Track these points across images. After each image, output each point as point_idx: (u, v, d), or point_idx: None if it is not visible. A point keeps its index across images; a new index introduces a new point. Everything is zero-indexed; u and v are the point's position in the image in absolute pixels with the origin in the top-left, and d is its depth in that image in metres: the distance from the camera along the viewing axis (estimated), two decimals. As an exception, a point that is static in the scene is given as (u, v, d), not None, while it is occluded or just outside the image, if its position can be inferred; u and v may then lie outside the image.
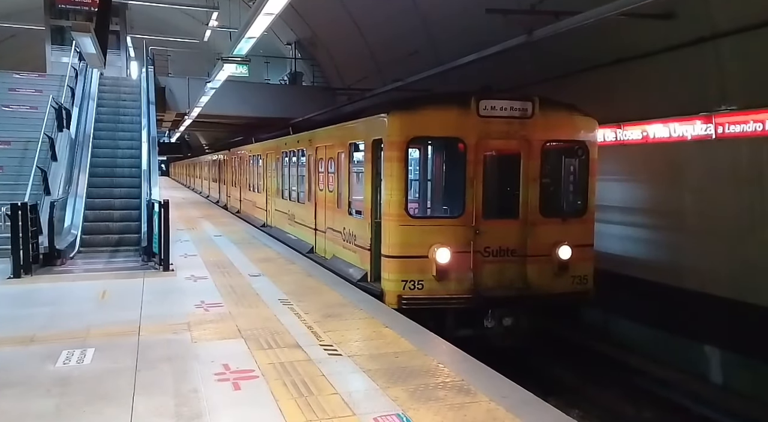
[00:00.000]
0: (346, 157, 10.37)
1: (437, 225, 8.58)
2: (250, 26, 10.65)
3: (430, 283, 8.35)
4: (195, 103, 22.91)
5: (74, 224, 12.24)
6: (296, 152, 14.50)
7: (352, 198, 10.26)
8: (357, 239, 9.71)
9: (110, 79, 20.51)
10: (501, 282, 8.57)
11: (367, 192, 9.31)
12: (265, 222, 18.15)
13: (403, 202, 8.42)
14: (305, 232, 13.28)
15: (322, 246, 11.98)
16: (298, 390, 4.87)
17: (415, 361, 5.63)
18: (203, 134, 50.51)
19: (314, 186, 12.60)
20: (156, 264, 10.62)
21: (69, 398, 4.74)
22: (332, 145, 11.28)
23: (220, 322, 6.99)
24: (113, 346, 6.06)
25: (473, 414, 4.45)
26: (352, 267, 9.84)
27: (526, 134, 8.66)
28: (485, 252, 8.53)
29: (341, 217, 10.66)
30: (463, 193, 8.50)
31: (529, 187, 8.70)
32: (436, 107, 8.72)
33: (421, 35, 16.84)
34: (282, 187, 16.02)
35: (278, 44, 29.06)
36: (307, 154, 13.38)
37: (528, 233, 8.64)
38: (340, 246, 10.65)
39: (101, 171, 14.51)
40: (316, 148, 12.44)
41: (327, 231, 11.56)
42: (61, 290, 8.96)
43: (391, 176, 8.46)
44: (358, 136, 9.94)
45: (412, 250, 8.34)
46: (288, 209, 15.21)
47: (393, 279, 8.41)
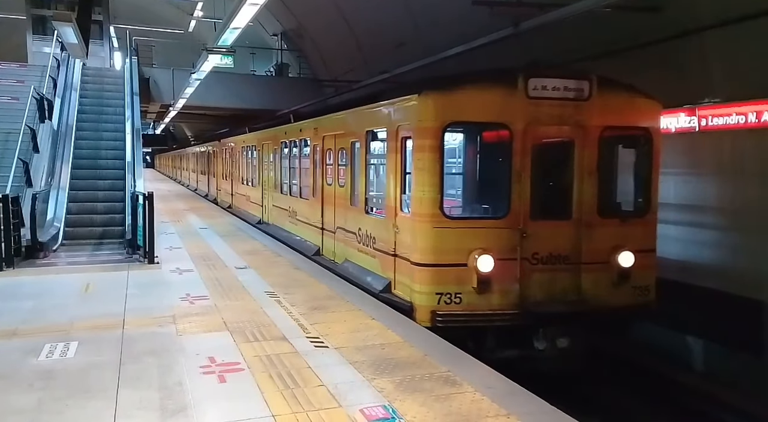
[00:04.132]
0: (362, 146, 9.11)
1: (478, 228, 7.25)
2: (235, 16, 10.55)
3: (470, 296, 7.09)
4: (180, 95, 22.71)
5: (57, 216, 12.10)
6: (298, 142, 13.15)
7: (370, 194, 9.10)
8: (377, 242, 8.47)
9: (93, 70, 20.24)
10: (551, 295, 7.32)
11: (391, 187, 8.08)
12: (261, 218, 16.87)
13: (437, 200, 7.12)
14: (310, 232, 11.98)
15: (330, 248, 10.69)
16: (284, 383, 4.87)
17: (402, 353, 5.65)
18: (189, 126, 50.08)
19: (321, 180, 11.24)
20: (141, 256, 10.54)
21: (52, 392, 4.70)
22: (344, 133, 9.97)
23: (206, 315, 6.96)
24: (97, 340, 6.01)
25: (458, 405, 4.48)
26: (371, 274, 8.57)
27: (582, 119, 7.39)
28: (533, 259, 7.26)
29: (356, 216, 9.39)
30: (508, 188, 7.23)
31: (585, 181, 7.43)
32: (476, 87, 7.34)
33: (408, 27, 16.79)
34: (281, 180, 14.70)
35: (264, 35, 28.85)
36: (311, 144, 12.04)
37: (583, 236, 7.38)
38: (353, 250, 9.41)
39: (85, 163, 14.35)
40: (323, 138, 11.08)
41: (337, 232, 10.26)
42: (44, 283, 8.85)
43: (423, 169, 7.20)
44: (378, 123, 8.65)
45: (449, 257, 7.07)
46: (289, 205, 13.87)
47: (426, 292, 7.08)
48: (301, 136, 12.85)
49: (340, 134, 10.17)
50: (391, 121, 8.16)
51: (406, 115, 7.73)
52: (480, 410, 4.40)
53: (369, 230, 8.81)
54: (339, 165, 10.27)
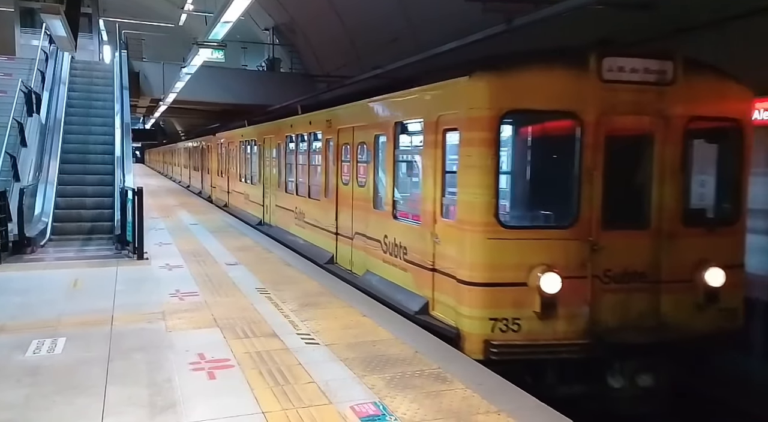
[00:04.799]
0: (389, 140, 8.00)
1: (540, 239, 6.08)
2: (226, 10, 10.48)
3: (530, 323, 5.97)
4: (170, 89, 22.55)
5: (45, 211, 11.99)
6: (307, 136, 11.96)
7: (399, 196, 8.06)
8: (408, 253, 7.39)
9: (82, 64, 20.06)
10: (626, 320, 6.18)
11: (428, 189, 6.92)
12: (262, 219, 15.63)
13: (492, 205, 5.98)
14: (321, 237, 10.81)
15: (347, 256, 9.55)
16: (274, 379, 4.85)
17: (393, 349, 5.64)
18: (179, 120, 49.77)
19: (335, 179, 10.12)
20: (130, 252, 10.47)
21: (39, 388, 4.65)
22: (365, 125, 8.85)
23: (196, 311, 6.92)
24: (85, 336, 5.96)
25: (449, 401, 4.48)
26: (402, 291, 7.44)
27: (664, 107, 6.23)
28: (605, 276, 6.11)
29: (380, 221, 8.25)
30: (576, 191, 6.09)
31: (666, 183, 6.27)
32: (541, 67, 6.18)
33: (401, 23, 16.75)
34: (286, 178, 13.52)
35: (256, 29, 28.69)
36: (324, 138, 10.87)
37: (663, 249, 6.23)
38: (377, 260, 8.29)
39: (73, 157, 14.23)
40: (339, 131, 9.96)
41: (356, 238, 9.13)
42: (31, 279, 8.76)
43: (474, 167, 6.06)
44: (411, 112, 7.63)
45: (506, 275, 5.96)
46: (295, 206, 12.62)
47: (477, 317, 5.98)
48: (311, 129, 11.73)
49: (360, 126, 9.09)
50: (429, 109, 7.02)
51: (450, 102, 6.58)
52: (470, 406, 4.40)
53: (398, 238, 7.70)
54: (358, 162, 9.22)
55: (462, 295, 6.16)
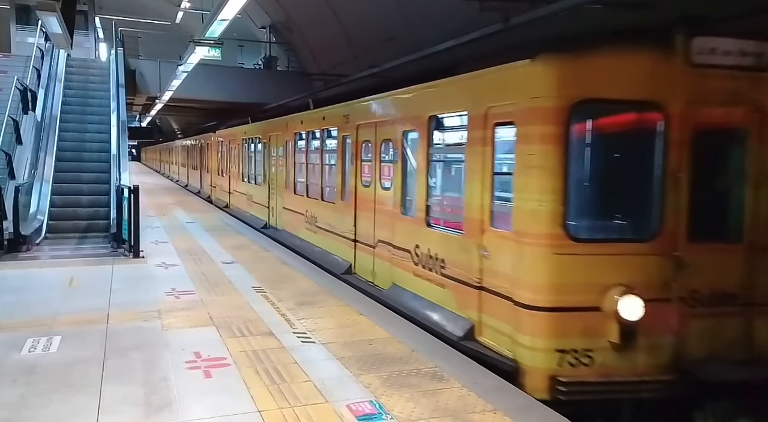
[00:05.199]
0: (422, 137, 7.12)
1: (617, 254, 5.21)
2: (223, 8, 10.44)
3: (605, 355, 5.10)
4: (166, 87, 22.47)
5: (40, 209, 11.96)
6: (320, 133, 11.09)
7: (435, 201, 7.27)
8: (447, 266, 6.50)
9: (78, 61, 20.00)
10: (716, 351, 5.28)
11: (474, 193, 6.00)
12: (267, 222, 14.75)
13: (560, 214, 5.11)
14: (337, 244, 9.90)
15: (367, 266, 8.68)
16: (270, 378, 4.84)
17: (389, 348, 5.64)
18: (175, 119, 49.67)
19: (354, 180, 9.24)
20: (126, 250, 10.45)
21: (35, 387, 4.64)
22: (391, 120, 7.98)
23: (192, 310, 6.90)
24: (81, 334, 5.94)
25: (446, 400, 4.48)
26: (440, 311, 6.54)
27: (761, 97, 5.38)
28: (691, 299, 5.26)
29: (410, 229, 7.38)
30: (659, 197, 5.26)
31: (762, 187, 5.40)
32: (618, 49, 5.26)
33: (397, 21, 16.74)
34: (295, 178, 12.60)
35: (252, 28, 28.62)
36: (340, 135, 9.98)
37: (757, 266, 5.39)
38: (406, 273, 7.42)
39: (69, 155, 14.18)
40: (358, 127, 9.11)
41: (379, 247, 8.28)
42: (26, 277, 8.73)
43: (537, 168, 5.18)
44: (451, 104, 6.73)
45: (577, 297, 5.10)
46: (306, 209, 11.71)
47: (541, 348, 5.09)
48: (325, 126, 10.81)
49: (384, 122, 8.21)
50: (475, 100, 6.08)
51: (505, 92, 5.68)
52: (467, 405, 4.40)
53: (433, 249, 6.80)
54: (382, 162, 8.39)
55: (521, 321, 5.22)
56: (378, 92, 8.73)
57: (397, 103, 8.06)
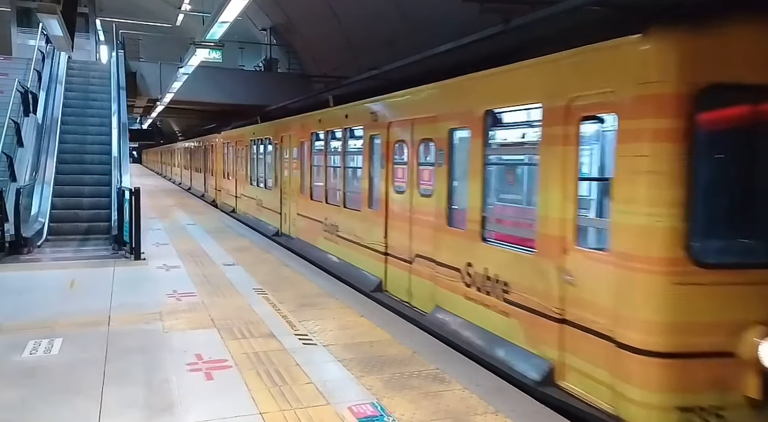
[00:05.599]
0: (476, 136, 6.10)
1: (755, 284, 4.21)
2: (224, 10, 10.46)
3: (740, 414, 4.15)
4: (167, 89, 22.50)
5: (42, 211, 11.96)
6: (342, 133, 10.18)
7: (493, 211, 6.29)
8: (514, 291, 5.50)
9: (79, 63, 20.01)
10: None
11: (554, 203, 4.95)
12: (280, 229, 13.89)
13: (681, 232, 4.10)
14: (363, 257, 9.00)
15: (402, 284, 7.80)
16: (272, 380, 4.84)
17: (391, 350, 5.64)
18: (176, 121, 49.67)
19: (385, 185, 8.33)
20: (127, 253, 10.45)
21: (36, 389, 4.63)
22: (433, 117, 6.97)
23: (193, 312, 6.90)
24: (82, 336, 5.94)
25: (447, 402, 4.48)
26: (506, 346, 5.56)
27: None
28: None
29: (461, 244, 6.41)
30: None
31: None
32: (757, 20, 4.15)
33: (398, 23, 16.75)
34: (311, 183, 11.81)
35: (253, 30, 28.65)
36: (366, 135, 9.07)
37: None
38: (456, 295, 6.46)
39: (70, 157, 14.19)
40: (390, 125, 8.19)
41: (417, 263, 7.38)
42: (28, 279, 8.74)
43: (650, 174, 4.16)
44: (517, 95, 5.66)
45: (703, 339, 4.13)
46: (324, 216, 10.83)
47: (657, 405, 4.12)
48: (348, 125, 9.85)
49: (424, 119, 7.23)
50: (553, 89, 5.03)
51: (599, 77, 4.58)
52: (468, 407, 4.40)
53: (493, 269, 5.83)
54: (420, 164, 7.46)
55: (628, 368, 4.20)
56: (413, 85, 7.76)
57: (440, 96, 7.04)
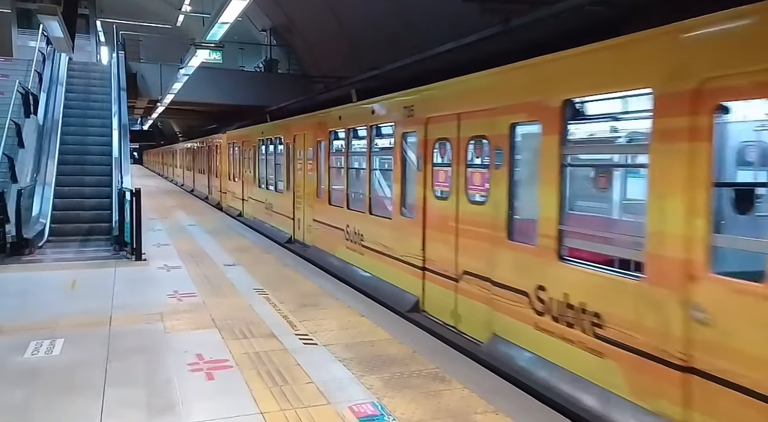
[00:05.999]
0: (548, 132, 5.10)
1: None
2: (224, 11, 10.48)
3: None
4: (168, 90, 22.56)
5: (43, 212, 11.98)
6: (367, 131, 9.08)
7: (573, 222, 5.32)
8: (610, 325, 4.47)
9: (79, 65, 20.02)
10: None
11: (674, 215, 3.99)
12: (293, 236, 13.02)
13: None
14: (396, 271, 7.98)
15: (445, 305, 6.78)
16: (272, 380, 4.85)
17: (391, 349, 5.65)
18: (176, 121, 49.73)
19: (423, 190, 7.31)
20: (128, 253, 10.46)
21: (37, 389, 4.64)
22: (487, 110, 5.97)
23: (194, 312, 6.91)
24: (83, 337, 5.95)
25: (447, 401, 4.49)
26: (604, 396, 4.47)
27: None
28: None
29: (528, 261, 5.40)
30: None
31: None
32: None
33: (398, 23, 16.76)
34: (329, 186, 10.83)
35: (253, 31, 28.68)
36: (398, 132, 8.00)
37: None
38: (524, 324, 5.40)
39: (71, 158, 14.20)
40: (428, 122, 7.16)
41: (465, 280, 6.39)
42: (29, 280, 8.75)
43: None
44: (611, 80, 4.60)
45: None
46: (346, 223, 9.78)
47: None
48: (374, 122, 8.95)
49: (475, 113, 6.24)
50: (672, 70, 3.97)
51: (753, 50, 3.51)
52: (468, 406, 4.41)
53: (576, 296, 4.78)
54: (469, 166, 6.47)
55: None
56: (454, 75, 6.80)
57: (498, 85, 6.01)
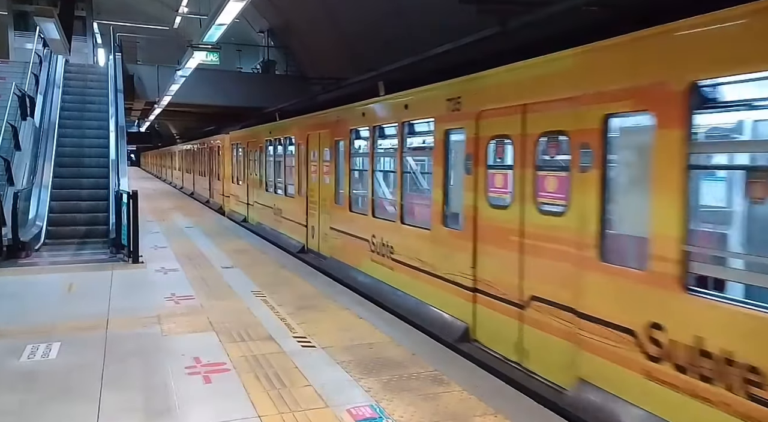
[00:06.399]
0: (665, 125, 4.10)
1: None
2: (221, 12, 10.45)
3: None
4: (165, 92, 22.50)
5: (39, 215, 11.94)
6: (399, 128, 8.05)
7: (708, 242, 4.56)
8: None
9: (76, 67, 19.98)
10: None
11: None
12: (306, 245, 12.15)
13: None
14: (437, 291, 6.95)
15: (505, 336, 5.72)
16: (270, 383, 4.83)
17: (389, 352, 5.63)
18: (174, 123, 49.66)
19: (473, 197, 6.24)
20: (125, 256, 10.42)
21: (34, 393, 4.61)
22: (570, 99, 4.92)
23: (191, 315, 6.89)
24: (80, 340, 5.92)
25: (446, 404, 4.47)
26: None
27: None
28: None
29: (633, 292, 4.31)
30: None
31: None
32: None
33: (395, 25, 16.76)
34: (350, 191, 9.81)
35: (250, 32, 28.67)
36: (440, 130, 6.97)
37: None
38: (631, 372, 4.30)
39: (68, 161, 14.17)
40: (481, 116, 6.14)
41: (534, 308, 5.33)
42: (25, 283, 8.72)
43: None
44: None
45: None
46: (371, 234, 8.76)
47: None
48: (408, 118, 7.91)
49: (548, 103, 5.19)
50: None
51: None
52: (468, 409, 4.39)
53: (719, 343, 3.68)
54: (539, 169, 5.42)
55: None
56: (510, 60, 5.76)
57: (585, 68, 4.83)
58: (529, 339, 5.42)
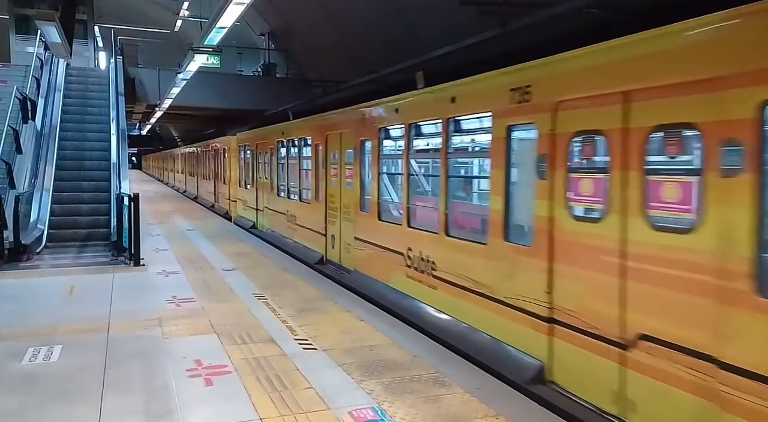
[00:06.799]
0: None
1: None
2: (221, 16, 10.47)
3: None
4: (166, 95, 22.55)
5: (41, 218, 11.97)
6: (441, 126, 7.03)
7: None
8: None
9: (77, 70, 20.05)
10: None
11: None
12: (325, 256, 11.07)
13: None
14: (499, 319, 5.87)
15: (602, 381, 4.60)
16: (271, 385, 4.82)
17: (391, 354, 5.62)
18: (175, 126, 49.72)
19: (548, 207, 5.18)
20: (126, 259, 10.43)
21: (35, 396, 4.61)
22: (703, 82, 3.81)
23: (193, 317, 6.88)
24: (81, 343, 5.92)
25: (448, 406, 4.46)
26: None
27: None
28: None
29: None
30: None
31: None
32: None
33: (396, 27, 16.77)
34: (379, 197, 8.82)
35: (251, 35, 28.71)
36: (500, 126, 5.91)
37: None
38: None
39: (69, 164, 14.20)
40: (558, 108, 5.09)
41: (642, 348, 4.27)
42: (27, 286, 8.72)
43: None
44: None
45: None
46: (407, 246, 7.76)
47: None
48: (454, 114, 6.82)
49: (664, 88, 4.14)
50: None
51: None
52: (469, 411, 4.38)
53: None
54: (649, 173, 4.32)
55: None
56: (590, 40, 4.85)
57: (726, 41, 3.75)
58: (636, 389, 4.30)
